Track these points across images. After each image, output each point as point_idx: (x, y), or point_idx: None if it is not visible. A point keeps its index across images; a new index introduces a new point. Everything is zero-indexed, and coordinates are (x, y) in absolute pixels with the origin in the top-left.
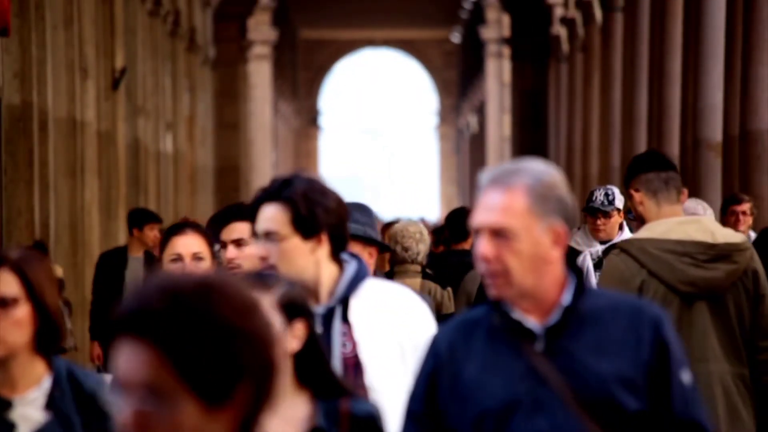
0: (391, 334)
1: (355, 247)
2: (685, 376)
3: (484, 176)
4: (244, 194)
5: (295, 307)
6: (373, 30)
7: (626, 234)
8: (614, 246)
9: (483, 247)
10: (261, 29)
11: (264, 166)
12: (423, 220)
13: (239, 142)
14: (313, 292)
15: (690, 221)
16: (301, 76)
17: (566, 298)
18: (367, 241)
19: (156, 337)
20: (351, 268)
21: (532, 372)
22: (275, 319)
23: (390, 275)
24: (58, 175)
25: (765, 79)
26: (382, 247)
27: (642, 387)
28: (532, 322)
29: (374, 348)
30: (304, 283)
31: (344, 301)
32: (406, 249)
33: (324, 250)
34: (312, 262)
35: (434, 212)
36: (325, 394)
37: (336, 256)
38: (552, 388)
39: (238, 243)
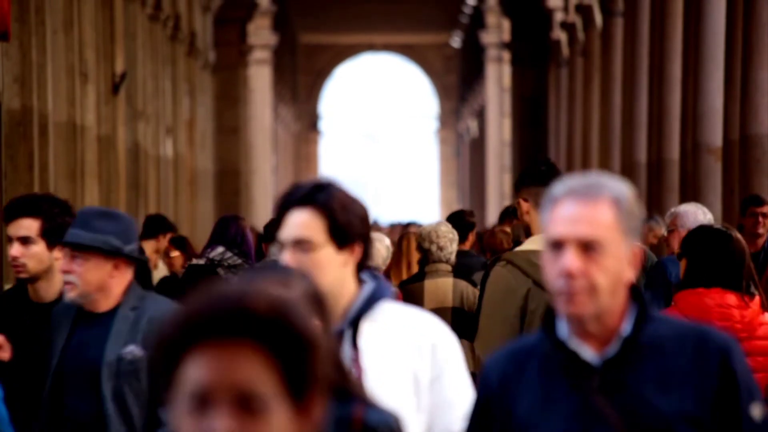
0: (405, 364)
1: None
2: (756, 411)
3: (560, 188)
4: (244, 198)
5: (315, 303)
6: (373, 34)
7: None
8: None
9: (570, 260)
10: (261, 34)
11: (264, 170)
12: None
13: (239, 146)
14: (334, 309)
15: None
16: (301, 81)
17: (626, 327)
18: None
19: (259, 336)
20: (367, 287)
21: (588, 410)
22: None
23: (421, 276)
24: (58, 179)
25: (765, 83)
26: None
27: (708, 424)
28: (590, 352)
29: (383, 378)
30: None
31: (355, 324)
32: (441, 248)
33: (353, 264)
34: (341, 275)
35: (434, 216)
36: (338, 399)
37: (359, 271)
38: (611, 429)
39: (24, 241)
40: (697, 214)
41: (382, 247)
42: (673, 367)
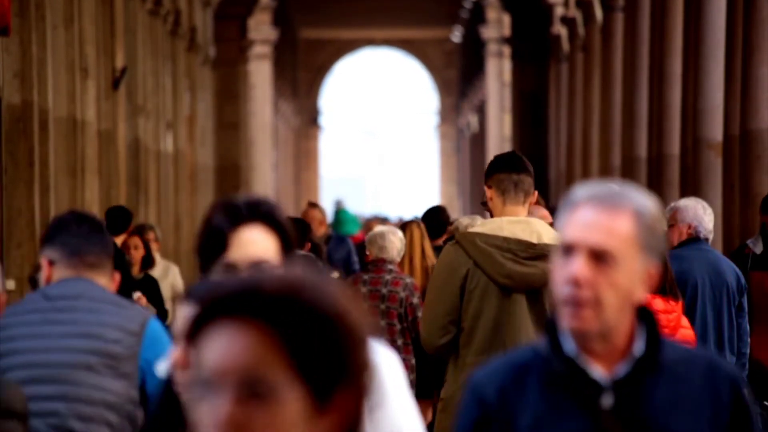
0: None
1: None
2: None
3: (581, 192)
4: (244, 193)
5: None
6: (373, 29)
7: None
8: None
9: (578, 267)
10: (261, 29)
11: (264, 165)
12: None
13: (239, 141)
14: None
15: (519, 221)
16: (301, 76)
17: (638, 347)
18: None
19: (271, 316)
20: None
21: (597, 430)
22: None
23: None
24: (58, 174)
25: (765, 79)
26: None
27: None
28: (599, 372)
29: None
30: None
31: None
32: None
33: None
34: None
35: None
36: None
37: None
38: None
39: None
40: (697, 209)
41: (396, 239)
42: (685, 391)
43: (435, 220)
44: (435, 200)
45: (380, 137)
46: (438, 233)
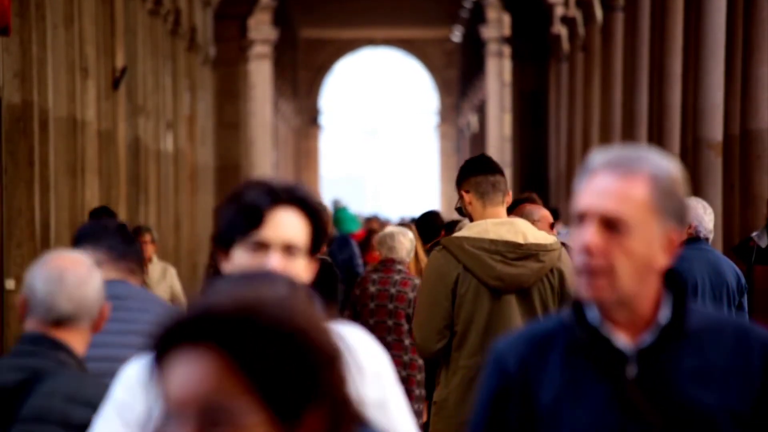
0: None
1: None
2: None
3: (597, 158)
4: None
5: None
6: (373, 29)
7: None
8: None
9: (589, 236)
10: (261, 29)
11: (264, 165)
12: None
13: (240, 141)
14: None
15: (505, 223)
16: (301, 76)
17: (664, 314)
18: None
19: (224, 340)
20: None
21: (621, 402)
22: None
23: None
24: (58, 174)
25: (765, 78)
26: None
27: (750, 421)
28: (623, 340)
29: None
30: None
31: None
32: None
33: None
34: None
35: None
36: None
37: None
38: (646, 422)
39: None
40: (698, 209)
41: (406, 240)
42: (713, 360)
43: (429, 224)
44: (435, 200)
45: (380, 137)
46: (432, 237)
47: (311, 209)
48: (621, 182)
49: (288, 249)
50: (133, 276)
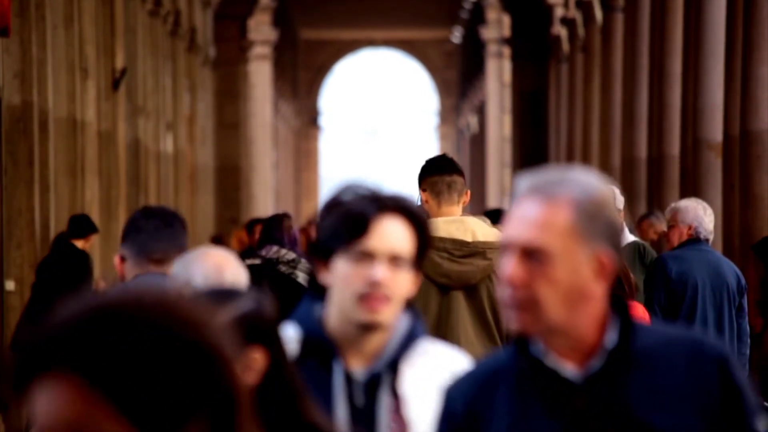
0: None
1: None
2: (761, 424)
3: (522, 183)
4: (244, 194)
5: (255, 329)
6: (373, 30)
7: (625, 234)
8: None
9: (511, 268)
10: (261, 29)
11: (264, 165)
12: None
13: (239, 141)
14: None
15: (455, 221)
16: (301, 76)
17: (610, 338)
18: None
19: (76, 364)
20: (403, 322)
21: None
22: (230, 338)
23: None
24: (58, 175)
25: (765, 78)
26: None
27: None
28: (570, 369)
29: None
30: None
31: (393, 367)
32: None
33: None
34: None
35: None
36: None
37: None
38: None
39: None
40: (697, 210)
41: None
42: (666, 381)
43: None
44: None
45: (380, 138)
46: None
47: (417, 219)
48: (542, 209)
49: (394, 260)
50: (161, 266)
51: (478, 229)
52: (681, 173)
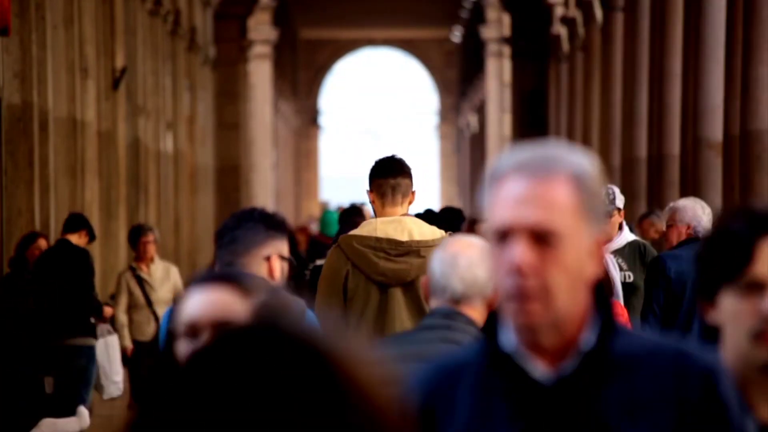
0: None
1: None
2: None
3: (506, 161)
4: (244, 194)
5: None
6: (373, 29)
7: (625, 233)
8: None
9: (520, 254)
10: (261, 29)
11: (264, 165)
12: None
13: (239, 141)
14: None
15: (393, 221)
16: (301, 76)
17: (588, 338)
18: None
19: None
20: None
21: None
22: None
23: None
24: (58, 175)
25: (765, 79)
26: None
27: None
28: (541, 369)
29: None
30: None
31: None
32: None
33: None
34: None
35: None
36: None
37: None
38: None
39: None
40: (696, 209)
41: None
42: (644, 392)
43: (453, 218)
44: (435, 200)
45: (380, 137)
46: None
47: None
48: (540, 187)
49: None
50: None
51: (415, 229)
52: (681, 173)
